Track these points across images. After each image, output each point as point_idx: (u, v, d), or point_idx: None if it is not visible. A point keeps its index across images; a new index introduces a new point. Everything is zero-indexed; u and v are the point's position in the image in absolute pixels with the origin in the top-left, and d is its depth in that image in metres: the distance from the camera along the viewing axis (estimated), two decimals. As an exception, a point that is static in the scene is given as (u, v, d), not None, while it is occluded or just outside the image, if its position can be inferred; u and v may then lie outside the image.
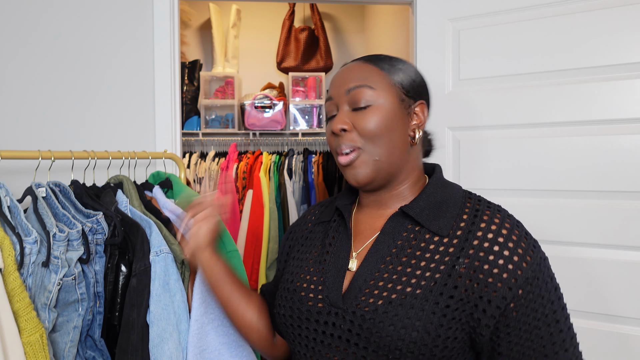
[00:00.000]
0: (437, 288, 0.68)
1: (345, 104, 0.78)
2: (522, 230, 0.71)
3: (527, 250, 0.68)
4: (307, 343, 0.76)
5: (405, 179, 0.80)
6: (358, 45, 3.52)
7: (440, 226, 0.73)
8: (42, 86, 1.51)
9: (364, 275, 0.73)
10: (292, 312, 0.79)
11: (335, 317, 0.72)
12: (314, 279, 0.79)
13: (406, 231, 0.75)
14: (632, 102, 1.23)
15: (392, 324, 0.67)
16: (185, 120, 3.13)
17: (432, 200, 0.76)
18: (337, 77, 0.81)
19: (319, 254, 0.83)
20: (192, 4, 3.35)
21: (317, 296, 0.76)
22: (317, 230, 0.89)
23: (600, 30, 1.27)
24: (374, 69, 0.78)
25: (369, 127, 0.75)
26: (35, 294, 0.87)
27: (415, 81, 0.80)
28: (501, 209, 0.74)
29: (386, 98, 0.76)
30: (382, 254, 0.74)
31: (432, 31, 1.52)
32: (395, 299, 0.69)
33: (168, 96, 1.55)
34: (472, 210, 0.74)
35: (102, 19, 1.53)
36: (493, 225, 0.70)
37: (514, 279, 0.66)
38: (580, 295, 1.29)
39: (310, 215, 0.95)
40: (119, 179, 1.18)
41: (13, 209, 0.89)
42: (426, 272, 0.70)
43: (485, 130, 1.43)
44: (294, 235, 0.94)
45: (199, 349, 1.00)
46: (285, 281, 0.84)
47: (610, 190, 1.26)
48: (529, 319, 0.67)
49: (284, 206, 2.73)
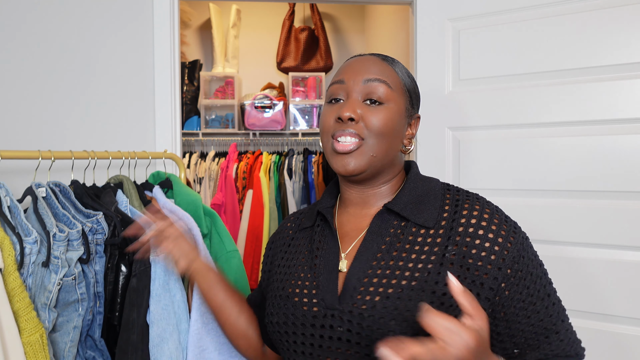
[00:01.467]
0: (431, 278, 0.69)
1: (358, 93, 0.77)
2: (502, 214, 0.75)
3: (509, 231, 0.72)
4: (304, 350, 0.74)
5: (388, 180, 0.81)
6: (358, 45, 3.52)
7: (425, 218, 0.75)
8: (42, 86, 1.52)
9: (357, 274, 0.73)
10: (286, 319, 0.77)
11: (332, 319, 0.72)
12: (306, 283, 0.78)
13: (393, 227, 0.76)
14: (632, 102, 1.23)
15: (393, 319, 0.67)
16: (185, 120, 3.13)
17: (414, 195, 0.78)
18: (355, 64, 0.79)
19: (307, 259, 0.82)
20: (192, 4, 3.35)
21: (311, 300, 0.75)
22: (301, 236, 0.87)
23: (600, 30, 1.27)
24: (391, 70, 0.79)
25: (379, 124, 0.75)
26: (35, 294, 0.87)
27: (417, 93, 0.84)
28: (479, 197, 0.77)
29: (398, 102, 0.78)
30: (372, 252, 0.74)
31: (432, 31, 1.52)
32: (392, 293, 0.69)
33: (168, 96, 1.55)
34: (453, 201, 0.77)
35: (102, 19, 1.53)
36: (474, 211, 0.74)
37: (501, 259, 0.69)
38: (579, 295, 1.29)
39: (289, 223, 0.94)
40: (119, 179, 1.18)
41: (13, 209, 0.89)
42: (418, 264, 0.71)
43: (485, 130, 1.43)
44: (275, 244, 0.93)
45: (199, 348, 1.00)
46: (275, 289, 0.83)
47: (611, 190, 1.26)
48: (522, 296, 0.70)
49: (284, 206, 2.74)
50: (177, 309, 0.99)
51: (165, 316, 0.97)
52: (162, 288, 0.97)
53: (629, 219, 1.23)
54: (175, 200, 1.23)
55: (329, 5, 3.47)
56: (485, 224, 0.72)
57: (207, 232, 1.17)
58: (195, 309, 1.01)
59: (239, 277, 1.15)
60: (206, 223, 1.17)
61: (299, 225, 0.90)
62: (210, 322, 1.03)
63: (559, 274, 1.31)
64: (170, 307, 0.98)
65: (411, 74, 0.84)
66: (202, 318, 1.02)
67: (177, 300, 0.99)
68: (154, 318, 0.96)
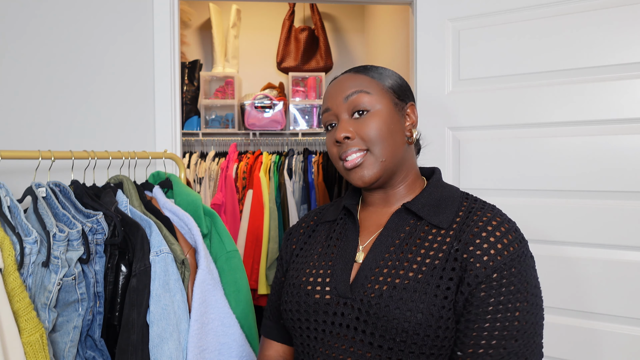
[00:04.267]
0: (437, 273, 0.73)
1: (345, 112, 0.82)
2: (512, 226, 0.76)
3: (512, 242, 0.73)
4: (316, 335, 0.79)
5: (404, 177, 0.86)
6: (358, 45, 3.52)
7: (441, 220, 0.79)
8: (42, 86, 1.51)
9: (370, 265, 0.78)
10: (299, 307, 0.81)
11: (344, 307, 0.76)
12: (321, 272, 0.83)
13: (408, 225, 0.81)
14: (632, 102, 1.23)
15: (397, 307, 0.71)
16: (185, 120, 3.13)
17: (432, 198, 0.82)
18: (332, 89, 0.85)
19: (323, 249, 0.87)
20: (192, 4, 3.35)
21: (324, 288, 0.80)
22: (321, 229, 0.92)
23: (600, 30, 1.27)
24: (365, 78, 0.83)
25: (372, 133, 0.79)
26: (35, 294, 0.87)
27: (402, 85, 0.86)
28: (495, 208, 0.80)
29: (382, 103, 0.81)
30: (386, 245, 0.79)
31: (432, 31, 1.52)
32: (399, 283, 0.73)
33: (168, 96, 1.55)
34: (468, 208, 0.80)
35: (103, 19, 1.53)
36: (485, 217, 0.76)
37: (491, 261, 0.71)
38: (578, 295, 1.29)
39: (308, 218, 0.98)
40: (119, 179, 1.18)
41: (13, 209, 0.89)
42: (426, 259, 0.75)
43: (485, 131, 1.43)
44: (294, 236, 0.96)
45: (199, 349, 1.00)
46: (290, 277, 0.87)
47: (611, 190, 1.26)
48: (494, 302, 0.69)
49: (284, 206, 2.73)
50: (177, 309, 0.99)
51: (165, 316, 0.97)
52: (162, 288, 0.97)
53: (628, 219, 1.23)
54: (175, 200, 1.23)
55: (329, 5, 3.47)
56: (491, 228, 0.74)
57: (207, 232, 1.17)
58: (195, 309, 1.01)
59: (239, 277, 1.15)
60: (206, 223, 1.18)
61: (321, 218, 0.95)
62: (210, 322, 1.03)
63: (557, 274, 1.31)
64: (170, 307, 0.98)
65: (387, 69, 0.86)
66: (202, 318, 1.02)
67: (177, 300, 0.99)
68: (154, 318, 0.96)
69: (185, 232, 1.12)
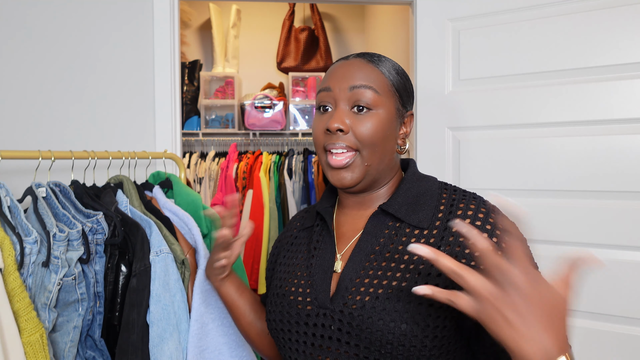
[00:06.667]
0: (421, 279, 0.68)
1: (345, 101, 0.76)
2: (498, 214, 0.71)
3: None
4: (298, 347, 0.76)
5: (386, 183, 0.81)
6: (358, 45, 3.52)
7: (420, 219, 0.74)
8: (42, 86, 1.52)
9: (350, 274, 0.74)
10: (282, 317, 0.79)
11: (324, 318, 0.73)
12: (302, 282, 0.79)
13: (387, 228, 0.76)
14: (632, 102, 1.23)
15: (380, 319, 0.67)
16: (185, 120, 3.13)
17: (409, 195, 0.77)
18: (339, 70, 0.78)
19: (305, 258, 0.83)
20: (192, 4, 3.35)
21: (305, 299, 0.77)
22: (302, 236, 0.88)
23: (600, 30, 1.27)
24: (378, 73, 0.77)
25: (368, 133, 0.74)
26: (35, 294, 0.87)
27: (409, 90, 0.81)
28: (476, 196, 0.75)
29: (387, 106, 0.76)
30: (365, 253, 0.75)
31: (432, 31, 1.52)
32: (382, 293, 0.69)
33: (168, 96, 1.55)
34: (449, 200, 0.75)
35: (102, 18, 1.53)
36: (469, 211, 0.72)
37: None
38: (579, 295, 1.29)
39: (295, 221, 0.95)
40: (119, 179, 1.18)
41: (13, 209, 0.89)
42: (410, 265, 0.70)
43: (485, 130, 1.43)
44: (281, 243, 0.94)
45: (199, 349, 1.00)
46: (274, 287, 0.84)
47: (611, 190, 1.26)
48: None
49: (284, 206, 2.74)
50: (177, 309, 0.99)
51: (165, 316, 0.97)
52: (162, 288, 0.97)
53: (629, 219, 1.23)
54: (175, 200, 1.23)
55: (329, 5, 3.47)
56: (479, 223, 0.70)
57: (207, 232, 1.17)
58: (195, 309, 1.01)
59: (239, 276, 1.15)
60: (206, 223, 1.18)
61: (302, 224, 0.91)
62: (210, 322, 1.03)
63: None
64: (170, 307, 0.98)
65: (401, 68, 0.81)
66: (202, 318, 1.02)
67: (177, 300, 0.99)
68: (154, 318, 0.96)
69: (185, 232, 1.12)
